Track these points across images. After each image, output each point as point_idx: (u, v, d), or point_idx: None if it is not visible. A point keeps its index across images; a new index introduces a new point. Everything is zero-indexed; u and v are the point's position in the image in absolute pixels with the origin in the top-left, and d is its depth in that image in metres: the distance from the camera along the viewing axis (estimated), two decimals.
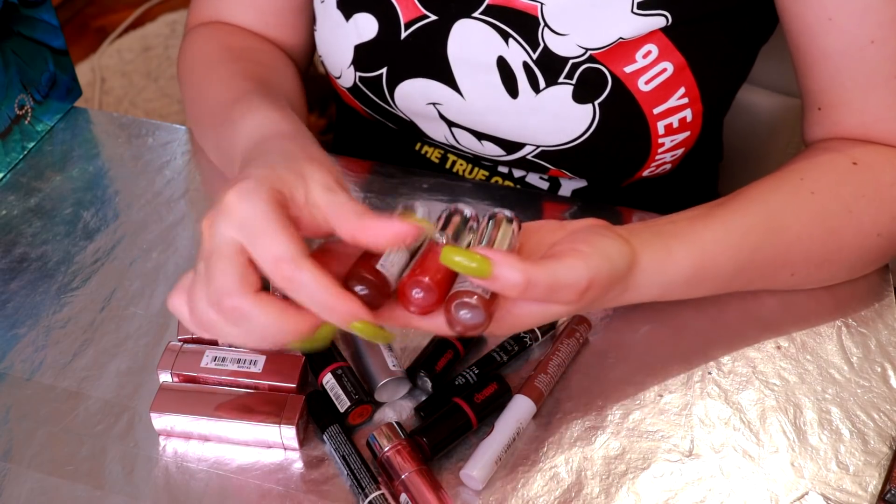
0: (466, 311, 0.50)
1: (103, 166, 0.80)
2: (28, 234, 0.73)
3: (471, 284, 0.50)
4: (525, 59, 0.68)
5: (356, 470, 0.56)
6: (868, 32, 0.63)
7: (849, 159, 0.66)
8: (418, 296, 0.50)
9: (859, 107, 0.67)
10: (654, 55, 0.67)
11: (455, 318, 0.50)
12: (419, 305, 0.51)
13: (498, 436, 0.57)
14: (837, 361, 0.63)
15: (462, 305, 0.50)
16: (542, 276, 0.49)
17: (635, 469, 0.57)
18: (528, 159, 0.73)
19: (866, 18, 0.63)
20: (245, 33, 0.79)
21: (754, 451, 0.58)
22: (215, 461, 0.58)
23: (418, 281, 0.50)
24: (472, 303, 0.50)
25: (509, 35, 0.68)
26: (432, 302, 0.51)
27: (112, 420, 0.60)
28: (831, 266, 0.65)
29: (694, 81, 0.68)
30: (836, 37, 0.64)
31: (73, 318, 0.67)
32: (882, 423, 0.59)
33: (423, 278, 0.50)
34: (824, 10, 0.64)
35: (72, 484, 0.57)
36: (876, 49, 0.64)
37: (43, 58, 0.80)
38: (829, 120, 0.69)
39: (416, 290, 0.50)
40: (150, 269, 0.70)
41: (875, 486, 0.56)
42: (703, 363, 0.63)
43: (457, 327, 0.51)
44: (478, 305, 0.50)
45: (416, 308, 0.51)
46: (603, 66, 0.67)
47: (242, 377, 0.60)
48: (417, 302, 0.51)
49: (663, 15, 0.65)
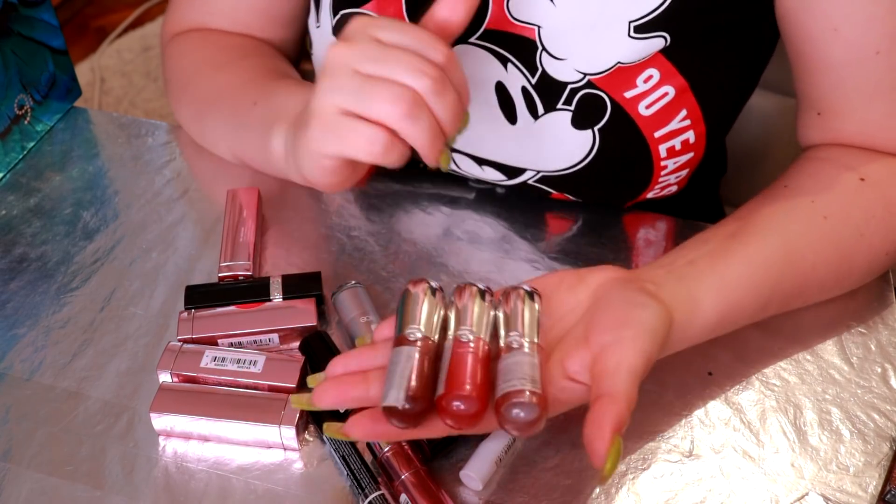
0: (520, 411, 0.49)
1: (103, 166, 0.79)
2: (28, 234, 0.73)
3: (519, 382, 0.49)
4: (524, 83, 0.67)
5: (356, 470, 0.56)
6: (873, 43, 0.63)
7: (855, 175, 0.65)
8: (460, 408, 0.49)
9: (861, 116, 0.66)
10: (655, 79, 0.66)
11: (510, 420, 0.49)
12: (461, 417, 0.49)
13: (497, 436, 0.57)
14: (838, 362, 0.63)
15: (517, 406, 0.49)
16: (623, 395, 0.50)
17: (635, 469, 0.57)
18: (530, 184, 0.72)
19: (871, 29, 0.63)
20: (236, 35, 0.79)
21: (754, 451, 0.58)
22: (215, 461, 0.58)
23: (460, 394, 0.49)
24: (527, 401, 0.49)
25: (508, 60, 0.67)
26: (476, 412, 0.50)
27: (112, 420, 0.60)
28: (840, 288, 0.66)
29: (696, 103, 0.67)
30: (840, 47, 0.64)
31: (72, 318, 0.67)
32: (882, 424, 0.59)
33: (464, 389, 0.49)
34: (829, 21, 0.63)
35: (71, 484, 0.57)
36: (880, 60, 0.63)
37: (42, 58, 0.80)
38: (829, 126, 0.68)
39: (457, 402, 0.49)
40: (149, 269, 0.70)
41: (875, 487, 0.56)
42: (703, 363, 0.63)
43: (512, 430, 0.50)
44: (533, 403, 0.49)
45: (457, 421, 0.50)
46: (602, 92, 0.66)
47: (242, 377, 0.59)
48: (460, 413, 0.49)
49: (662, 37, 0.64)
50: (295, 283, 0.65)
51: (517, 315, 0.53)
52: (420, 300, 0.54)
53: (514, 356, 0.51)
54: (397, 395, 0.49)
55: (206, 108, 0.76)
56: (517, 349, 0.52)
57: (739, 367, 0.63)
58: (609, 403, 0.49)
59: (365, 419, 0.52)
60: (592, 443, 0.48)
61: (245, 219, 0.71)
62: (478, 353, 0.51)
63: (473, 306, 0.54)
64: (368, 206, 0.75)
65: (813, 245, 0.62)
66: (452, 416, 0.49)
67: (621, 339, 0.52)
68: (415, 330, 0.52)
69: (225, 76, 0.75)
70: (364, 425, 0.52)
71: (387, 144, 0.55)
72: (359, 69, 0.55)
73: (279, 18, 0.79)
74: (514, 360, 0.51)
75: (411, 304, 0.54)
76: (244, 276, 0.67)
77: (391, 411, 0.49)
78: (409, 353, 0.51)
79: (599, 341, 0.52)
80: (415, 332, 0.52)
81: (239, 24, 0.79)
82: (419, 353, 0.51)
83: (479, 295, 0.54)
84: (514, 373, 0.50)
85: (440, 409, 0.50)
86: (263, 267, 0.70)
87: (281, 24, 0.79)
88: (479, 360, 0.51)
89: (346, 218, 0.74)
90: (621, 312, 0.54)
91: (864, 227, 0.64)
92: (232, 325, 0.63)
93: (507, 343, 0.52)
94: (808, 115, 0.69)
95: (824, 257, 0.63)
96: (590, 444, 0.48)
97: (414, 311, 0.53)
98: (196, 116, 0.78)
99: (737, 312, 0.60)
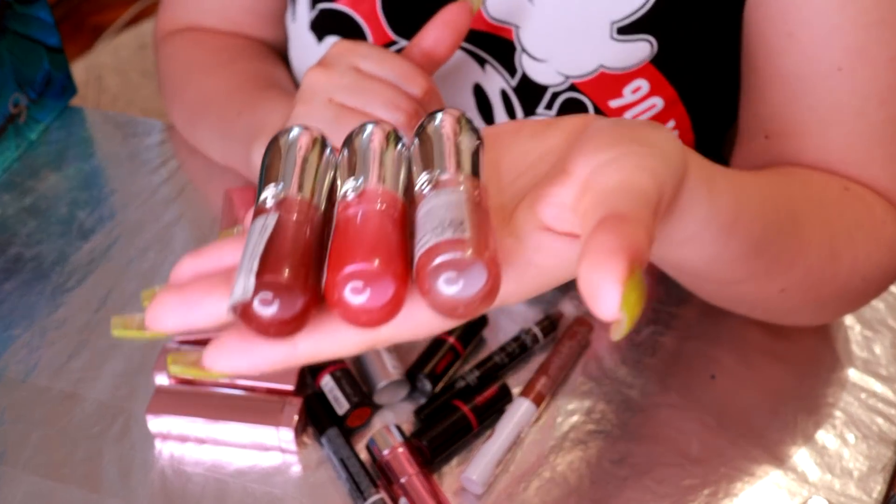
0: (449, 273, 0.31)
1: (99, 165, 0.79)
2: (23, 233, 0.73)
3: (451, 228, 0.31)
4: (503, 86, 0.66)
5: (355, 473, 0.56)
6: (834, 58, 0.56)
7: (838, 183, 0.58)
8: (358, 290, 0.31)
9: (818, 142, 0.58)
10: (643, 91, 0.63)
11: (438, 295, 0.31)
12: (365, 308, 0.32)
13: (499, 439, 0.57)
14: (842, 365, 0.63)
15: (441, 269, 0.31)
16: (635, 214, 0.33)
17: (638, 473, 0.57)
18: None
19: (832, 41, 0.56)
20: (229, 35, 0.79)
21: (758, 455, 0.58)
22: (212, 464, 0.58)
23: (357, 270, 0.31)
24: (463, 258, 0.31)
25: (485, 61, 0.66)
26: (389, 295, 0.32)
27: (108, 422, 0.60)
28: (816, 298, 0.57)
29: (685, 114, 0.65)
30: (795, 56, 0.57)
31: (68, 318, 0.66)
32: (887, 429, 0.59)
33: (365, 263, 0.31)
34: (785, 25, 0.57)
35: (67, 487, 0.57)
36: (843, 78, 0.56)
37: (38, 56, 0.80)
38: (779, 151, 0.60)
39: (353, 283, 0.31)
40: (146, 269, 0.70)
41: (880, 492, 0.56)
42: (705, 366, 0.62)
43: (445, 310, 0.32)
44: (465, 256, 0.31)
45: (360, 314, 0.32)
46: (585, 98, 0.64)
47: (239, 379, 0.59)
48: (364, 304, 0.31)
49: (647, 41, 0.62)
50: None
51: (441, 148, 0.36)
52: (293, 151, 0.36)
53: (429, 201, 0.33)
54: (245, 283, 0.31)
55: (195, 114, 0.76)
56: (437, 189, 0.34)
57: (742, 371, 0.62)
58: (616, 222, 0.31)
59: (233, 339, 0.34)
60: (597, 282, 0.30)
61: (242, 219, 0.70)
62: (387, 212, 0.33)
63: (375, 150, 0.36)
64: None
65: (811, 218, 0.53)
66: (351, 309, 0.31)
67: (623, 154, 0.35)
68: (274, 190, 0.34)
69: (213, 82, 0.75)
70: (230, 350, 0.34)
71: None
72: (334, 98, 0.55)
73: (268, 16, 0.79)
74: (431, 206, 0.33)
75: (275, 158, 0.36)
76: None
77: (244, 313, 0.31)
78: (264, 224, 0.33)
79: (587, 165, 0.35)
80: (274, 193, 0.34)
81: (230, 23, 0.79)
82: (280, 221, 0.33)
83: (391, 138, 0.37)
84: (430, 222, 0.32)
85: (331, 300, 0.32)
86: None
87: (271, 21, 0.79)
88: (388, 219, 0.33)
89: None
90: (614, 132, 0.36)
91: (853, 232, 0.56)
92: None
93: (419, 188, 0.34)
94: (753, 142, 0.62)
95: (819, 238, 0.54)
96: (592, 286, 0.30)
97: (279, 165, 0.36)
98: (188, 121, 0.78)
99: (745, 218, 0.45)
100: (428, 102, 0.55)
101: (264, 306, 0.31)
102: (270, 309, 0.31)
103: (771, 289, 0.55)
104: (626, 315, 0.29)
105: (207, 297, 0.34)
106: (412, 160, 0.36)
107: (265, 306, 0.31)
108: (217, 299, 0.33)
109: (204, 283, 0.34)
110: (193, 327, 0.34)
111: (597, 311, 0.30)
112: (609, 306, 0.29)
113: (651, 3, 0.61)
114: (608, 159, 0.34)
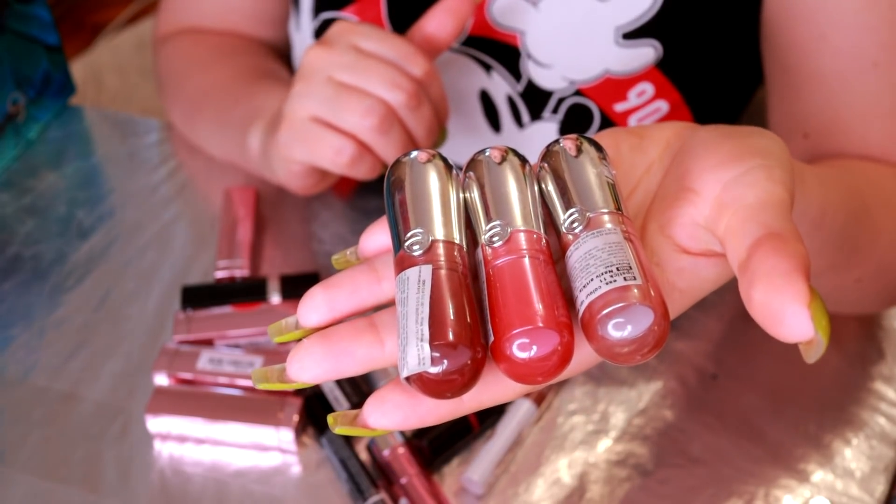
0: (624, 321, 0.30)
1: (98, 164, 0.79)
2: (21, 233, 0.72)
3: (607, 276, 0.31)
4: (509, 91, 0.66)
5: (355, 474, 0.55)
6: (868, 54, 0.57)
7: (890, 171, 0.58)
8: (530, 351, 0.30)
9: (859, 137, 0.59)
10: (648, 94, 0.63)
11: (611, 342, 0.30)
12: (539, 365, 0.31)
13: (500, 439, 0.57)
14: (843, 364, 0.63)
15: (615, 315, 0.30)
16: (790, 232, 0.32)
17: (639, 474, 0.57)
18: None
19: (865, 39, 0.57)
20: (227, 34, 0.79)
21: (759, 455, 0.58)
22: (212, 465, 0.57)
23: (524, 331, 0.30)
24: (629, 303, 0.30)
25: (491, 67, 0.65)
26: (559, 351, 0.31)
27: (107, 422, 0.60)
28: (886, 285, 0.57)
29: (691, 118, 0.65)
30: (830, 56, 0.58)
31: (67, 318, 0.66)
32: (889, 429, 0.59)
33: (531, 322, 0.30)
34: (815, 27, 0.58)
35: (66, 488, 0.56)
36: (880, 73, 0.58)
37: (36, 55, 0.79)
38: (820, 148, 0.60)
39: (522, 340, 0.30)
40: (145, 268, 0.69)
41: (882, 492, 0.56)
42: (707, 366, 0.62)
43: (619, 357, 0.31)
44: (640, 303, 0.30)
45: (534, 372, 0.31)
46: (591, 103, 0.64)
47: (239, 379, 0.59)
48: (535, 359, 0.30)
49: (652, 45, 0.62)
50: (293, 284, 0.65)
51: (575, 183, 0.34)
52: (424, 181, 0.34)
53: (585, 242, 0.32)
54: (419, 352, 0.30)
55: (194, 108, 0.76)
56: (588, 230, 0.32)
57: (744, 370, 0.62)
58: (778, 243, 0.30)
59: (395, 395, 0.32)
60: (779, 307, 0.29)
61: (242, 218, 0.70)
62: (537, 257, 0.32)
63: (507, 180, 0.34)
64: (367, 207, 0.74)
65: (881, 210, 0.53)
66: (518, 364, 0.30)
67: (749, 169, 0.34)
68: (419, 236, 0.33)
69: (212, 75, 0.75)
70: (394, 407, 0.32)
71: (354, 156, 0.55)
72: (333, 76, 0.55)
73: (267, 19, 0.79)
74: (590, 248, 0.32)
75: (409, 193, 0.34)
76: (241, 277, 0.67)
77: (419, 379, 0.30)
78: (419, 279, 0.32)
79: (716, 181, 0.34)
80: (419, 238, 0.33)
81: (228, 25, 0.79)
82: (436, 274, 0.31)
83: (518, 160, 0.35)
84: (594, 267, 0.31)
85: (498, 357, 0.31)
86: (261, 267, 0.69)
87: (269, 24, 0.79)
88: (541, 265, 0.32)
89: (346, 218, 0.73)
90: (729, 144, 0.35)
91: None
92: (229, 326, 0.62)
93: (568, 227, 0.33)
94: (790, 142, 0.60)
95: (891, 226, 0.54)
96: (773, 311, 0.29)
97: (415, 204, 0.33)
98: (186, 117, 0.77)
99: (830, 211, 0.45)
100: (428, 84, 0.55)
101: (437, 369, 0.30)
102: (445, 373, 0.30)
103: (848, 279, 0.55)
104: (822, 334, 0.29)
105: (354, 345, 0.33)
106: (542, 189, 0.35)
107: (438, 368, 0.30)
108: (365, 348, 0.32)
109: (349, 330, 0.33)
110: (340, 377, 0.33)
111: (785, 336, 0.29)
112: (802, 329, 0.29)
113: (656, 8, 0.61)
114: (738, 174, 0.34)
